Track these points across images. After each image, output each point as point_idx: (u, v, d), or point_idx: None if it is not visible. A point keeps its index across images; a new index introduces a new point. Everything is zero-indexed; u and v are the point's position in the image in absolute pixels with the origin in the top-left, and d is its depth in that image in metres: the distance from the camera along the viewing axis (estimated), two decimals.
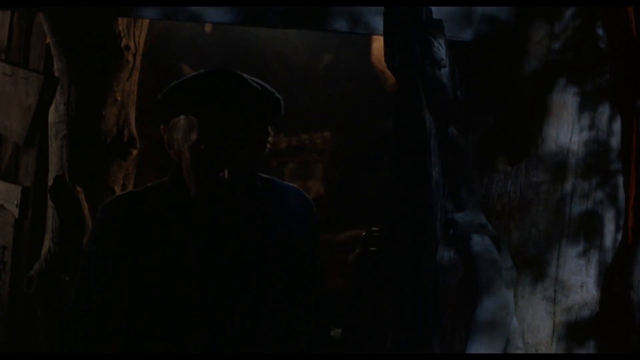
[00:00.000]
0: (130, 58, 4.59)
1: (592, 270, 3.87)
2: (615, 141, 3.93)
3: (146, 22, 4.72)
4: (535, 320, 3.84)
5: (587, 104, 3.92)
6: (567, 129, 3.90)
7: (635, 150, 3.90)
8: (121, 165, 4.61)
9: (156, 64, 11.28)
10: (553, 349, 3.82)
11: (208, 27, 7.58)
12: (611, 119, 3.93)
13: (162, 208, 2.41)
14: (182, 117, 2.32)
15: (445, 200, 3.48)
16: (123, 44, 4.48)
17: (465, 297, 3.44)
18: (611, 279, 3.86)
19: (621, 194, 3.92)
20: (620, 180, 3.93)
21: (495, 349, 3.40)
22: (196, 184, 2.34)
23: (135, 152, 4.71)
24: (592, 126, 3.92)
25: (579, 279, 3.86)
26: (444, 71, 3.47)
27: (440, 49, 3.36)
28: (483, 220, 3.55)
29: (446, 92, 3.48)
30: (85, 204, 4.54)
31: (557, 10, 3.91)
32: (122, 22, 4.50)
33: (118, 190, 4.63)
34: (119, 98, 4.62)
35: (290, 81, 7.43)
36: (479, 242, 3.47)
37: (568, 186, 3.87)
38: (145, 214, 2.41)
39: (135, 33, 4.60)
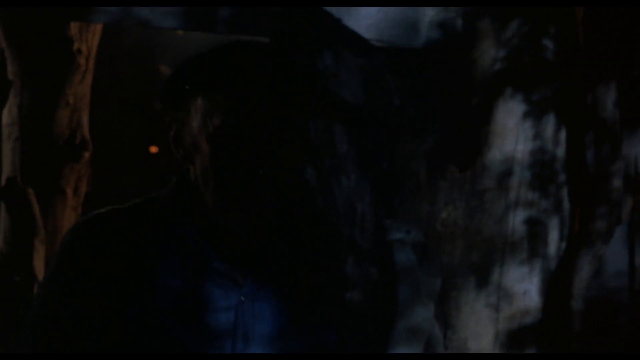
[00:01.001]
0: (83, 61, 4.61)
1: (535, 278, 3.90)
2: (560, 151, 3.97)
3: (99, 26, 4.75)
4: (479, 326, 3.86)
5: (533, 114, 3.95)
6: (512, 138, 3.93)
7: (580, 160, 3.94)
8: (73, 167, 4.62)
9: (134, 66, 11.38)
10: None
11: None
12: (557, 129, 3.97)
13: (161, 231, 1.68)
14: (199, 98, 1.64)
15: (371, 207, 3.49)
16: (75, 47, 4.51)
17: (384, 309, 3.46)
18: (554, 287, 3.89)
19: (566, 203, 3.96)
20: (565, 190, 3.96)
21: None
22: (216, 190, 1.64)
23: (87, 154, 4.74)
24: (537, 136, 3.95)
25: (522, 287, 3.89)
26: (343, 79, 3.42)
27: (332, 58, 3.33)
28: (410, 227, 3.57)
29: (334, 99, 3.47)
30: (37, 206, 4.56)
31: (503, 19, 3.94)
32: (74, 26, 4.54)
33: (70, 193, 4.64)
34: (71, 101, 4.63)
35: None
36: (399, 249, 3.48)
37: (512, 195, 3.90)
38: (135, 241, 1.67)
39: (88, 37, 4.63)
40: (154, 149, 12.05)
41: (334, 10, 3.81)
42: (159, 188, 1.82)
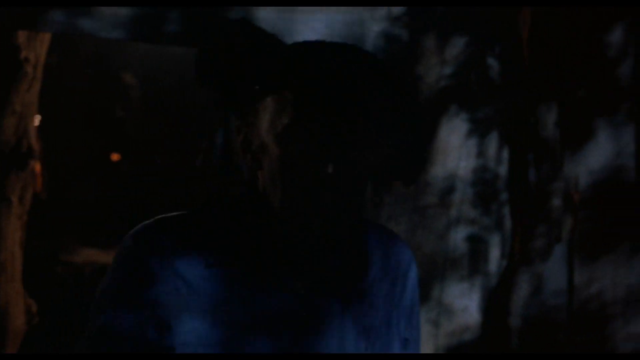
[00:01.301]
0: (30, 70, 4.58)
1: (476, 295, 3.93)
2: (503, 169, 4.00)
3: (48, 35, 4.73)
4: None
5: (476, 132, 3.99)
6: (455, 155, 3.96)
7: (522, 179, 3.98)
8: (19, 175, 4.58)
9: (96, 74, 11.37)
10: None
11: None
12: (500, 148, 4.00)
13: (225, 241, 1.58)
14: (268, 98, 1.55)
15: None
16: (23, 55, 4.48)
17: None
18: (493, 304, 3.93)
19: (507, 221, 3.99)
20: (507, 208, 3.99)
21: None
22: (284, 193, 1.52)
23: (33, 162, 4.70)
24: (480, 154, 3.99)
25: (462, 303, 3.92)
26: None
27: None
28: None
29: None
30: None
31: (448, 37, 3.98)
32: (22, 35, 4.51)
33: (15, 201, 4.62)
34: (18, 109, 4.60)
35: None
36: None
37: (454, 211, 3.93)
38: (197, 251, 1.56)
39: (36, 45, 4.61)
40: (115, 157, 12.02)
41: (279, 29, 3.85)
42: (226, 195, 1.70)
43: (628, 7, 3.86)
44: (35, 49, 4.60)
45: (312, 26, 3.87)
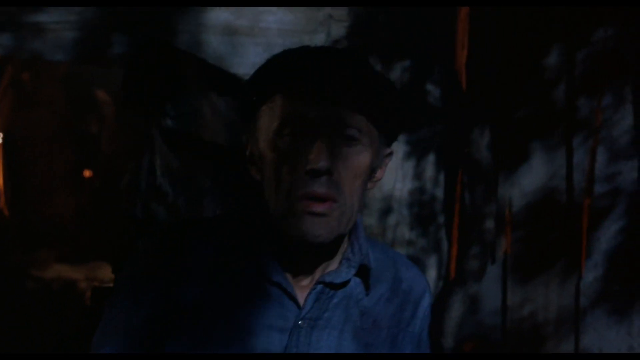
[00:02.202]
0: None
1: None
2: (440, 192, 4.06)
3: None
4: None
5: (414, 154, 4.05)
6: (392, 177, 4.02)
7: (459, 201, 4.03)
8: None
9: (70, 91, 11.41)
10: None
11: None
12: (437, 170, 4.07)
13: (225, 245, 1.60)
14: (262, 107, 1.57)
15: None
16: None
17: None
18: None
19: (444, 242, 4.05)
20: (444, 229, 4.05)
21: None
22: (277, 198, 1.52)
23: None
24: (417, 175, 4.05)
25: None
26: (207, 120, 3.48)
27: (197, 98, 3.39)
28: None
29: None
30: None
31: (388, 61, 4.04)
32: None
33: None
34: None
35: None
36: None
37: (390, 232, 3.99)
38: (198, 254, 1.59)
39: None
40: (87, 173, 12.04)
41: (221, 53, 3.91)
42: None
43: (563, 31, 3.93)
44: None
45: (253, 50, 3.93)
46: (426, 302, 1.72)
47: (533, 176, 3.93)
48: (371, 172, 1.58)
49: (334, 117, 1.49)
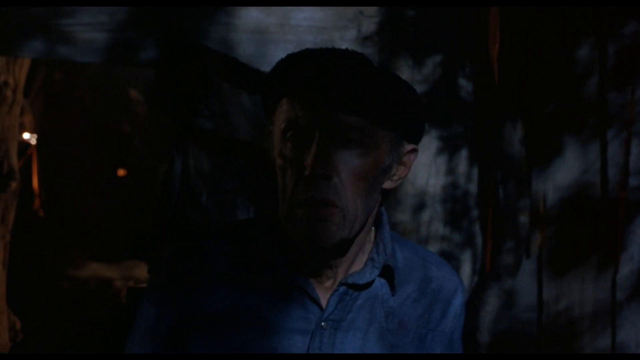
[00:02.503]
0: (10, 94, 4.64)
1: None
2: (473, 187, 4.05)
3: (27, 60, 4.80)
4: None
5: (446, 149, 4.04)
6: (425, 172, 4.01)
7: (492, 196, 4.02)
8: (0, 197, 4.64)
9: (103, 90, 11.49)
10: None
11: None
12: (470, 165, 4.05)
13: (250, 249, 1.61)
14: (277, 108, 1.58)
15: None
16: (2, 80, 4.54)
17: None
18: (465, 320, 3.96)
19: (478, 237, 4.04)
20: (478, 224, 4.04)
21: None
22: (282, 204, 1.54)
23: (14, 184, 4.76)
24: (450, 171, 4.04)
25: None
26: (230, 119, 3.47)
27: (217, 98, 3.37)
28: None
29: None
30: None
31: (420, 57, 4.04)
32: (1, 59, 4.57)
33: None
34: None
35: None
36: None
37: (424, 228, 3.98)
38: (224, 260, 1.61)
39: (15, 70, 4.67)
40: (121, 172, 12.12)
41: (251, 52, 3.92)
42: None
43: (594, 24, 3.91)
44: (14, 73, 4.68)
45: (283, 47, 3.94)
46: (458, 301, 1.71)
47: (567, 170, 3.91)
48: (385, 173, 1.58)
49: (333, 120, 1.48)
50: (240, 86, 3.40)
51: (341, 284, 1.58)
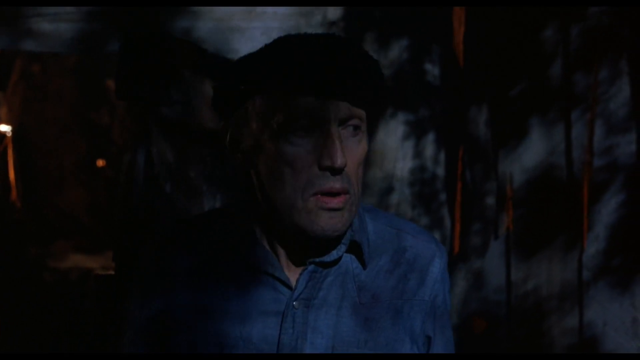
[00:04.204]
0: None
1: None
2: (441, 170, 4.08)
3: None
4: None
5: (413, 133, 4.06)
6: (392, 156, 4.03)
7: (460, 179, 4.05)
8: None
9: (81, 82, 11.45)
10: None
11: None
12: (438, 149, 4.08)
13: (220, 237, 1.65)
14: (257, 97, 1.54)
15: None
16: None
17: None
18: None
19: (447, 220, 4.06)
20: (446, 207, 4.07)
21: None
22: (284, 189, 1.53)
23: None
24: (418, 154, 4.06)
25: None
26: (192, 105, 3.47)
27: (180, 85, 3.37)
28: None
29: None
30: None
31: (385, 41, 4.05)
32: None
33: None
34: None
35: None
36: None
37: (393, 212, 4.00)
38: (196, 249, 1.65)
39: None
40: (100, 163, 12.10)
41: (217, 39, 3.92)
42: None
43: (559, 7, 3.93)
44: None
45: (250, 35, 3.95)
46: (436, 267, 1.68)
47: (533, 152, 3.94)
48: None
49: (342, 110, 1.50)
50: (205, 74, 3.40)
51: (309, 262, 1.59)
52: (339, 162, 1.48)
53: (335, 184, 1.50)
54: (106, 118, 11.70)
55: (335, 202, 1.50)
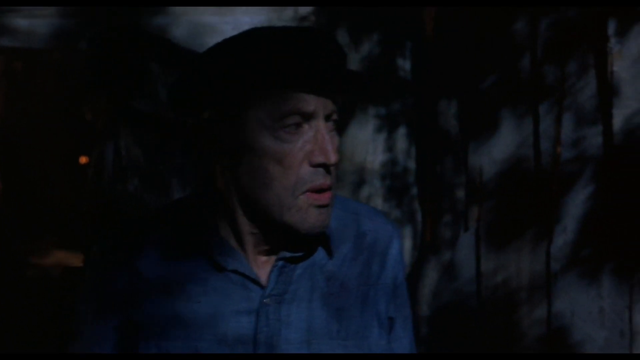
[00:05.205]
0: None
1: None
2: (412, 163, 4.11)
3: None
4: None
5: (384, 127, 4.10)
6: (363, 149, 4.07)
7: (431, 172, 4.08)
8: None
9: (63, 78, 11.46)
10: None
11: None
12: (409, 143, 4.11)
13: (182, 235, 1.59)
14: (254, 95, 1.50)
15: None
16: None
17: None
18: None
19: (418, 213, 4.10)
20: (417, 200, 4.10)
21: None
22: (273, 192, 1.50)
23: None
24: (389, 148, 4.09)
25: None
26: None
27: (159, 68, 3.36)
28: None
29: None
30: None
31: (356, 37, 4.08)
32: None
33: None
34: None
35: None
36: None
37: None
38: (155, 247, 1.60)
39: None
40: (84, 160, 12.09)
41: (189, 32, 3.95)
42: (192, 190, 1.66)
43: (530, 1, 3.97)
44: None
45: (220, 29, 3.97)
46: (395, 249, 1.69)
47: (502, 145, 3.97)
48: None
49: (328, 106, 1.48)
50: (174, 68, 3.42)
51: (279, 258, 1.57)
52: (332, 158, 1.46)
53: (327, 180, 1.48)
54: (89, 114, 11.70)
55: (324, 198, 1.49)
